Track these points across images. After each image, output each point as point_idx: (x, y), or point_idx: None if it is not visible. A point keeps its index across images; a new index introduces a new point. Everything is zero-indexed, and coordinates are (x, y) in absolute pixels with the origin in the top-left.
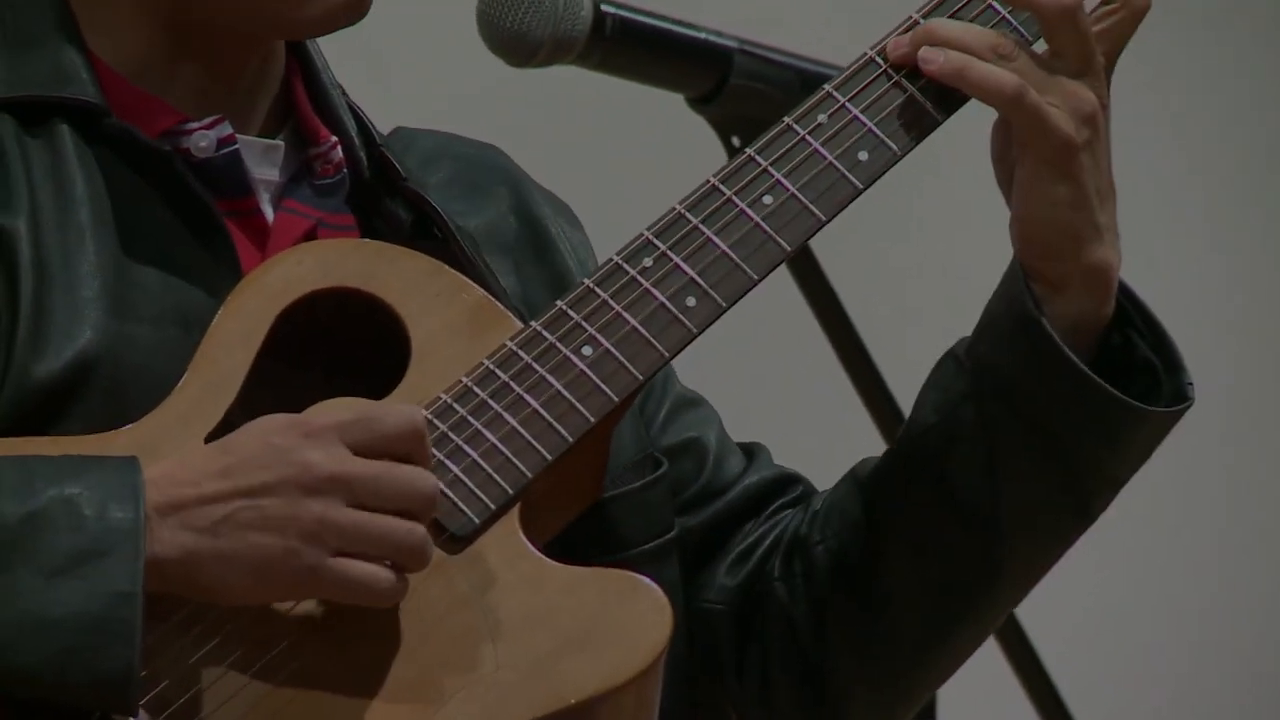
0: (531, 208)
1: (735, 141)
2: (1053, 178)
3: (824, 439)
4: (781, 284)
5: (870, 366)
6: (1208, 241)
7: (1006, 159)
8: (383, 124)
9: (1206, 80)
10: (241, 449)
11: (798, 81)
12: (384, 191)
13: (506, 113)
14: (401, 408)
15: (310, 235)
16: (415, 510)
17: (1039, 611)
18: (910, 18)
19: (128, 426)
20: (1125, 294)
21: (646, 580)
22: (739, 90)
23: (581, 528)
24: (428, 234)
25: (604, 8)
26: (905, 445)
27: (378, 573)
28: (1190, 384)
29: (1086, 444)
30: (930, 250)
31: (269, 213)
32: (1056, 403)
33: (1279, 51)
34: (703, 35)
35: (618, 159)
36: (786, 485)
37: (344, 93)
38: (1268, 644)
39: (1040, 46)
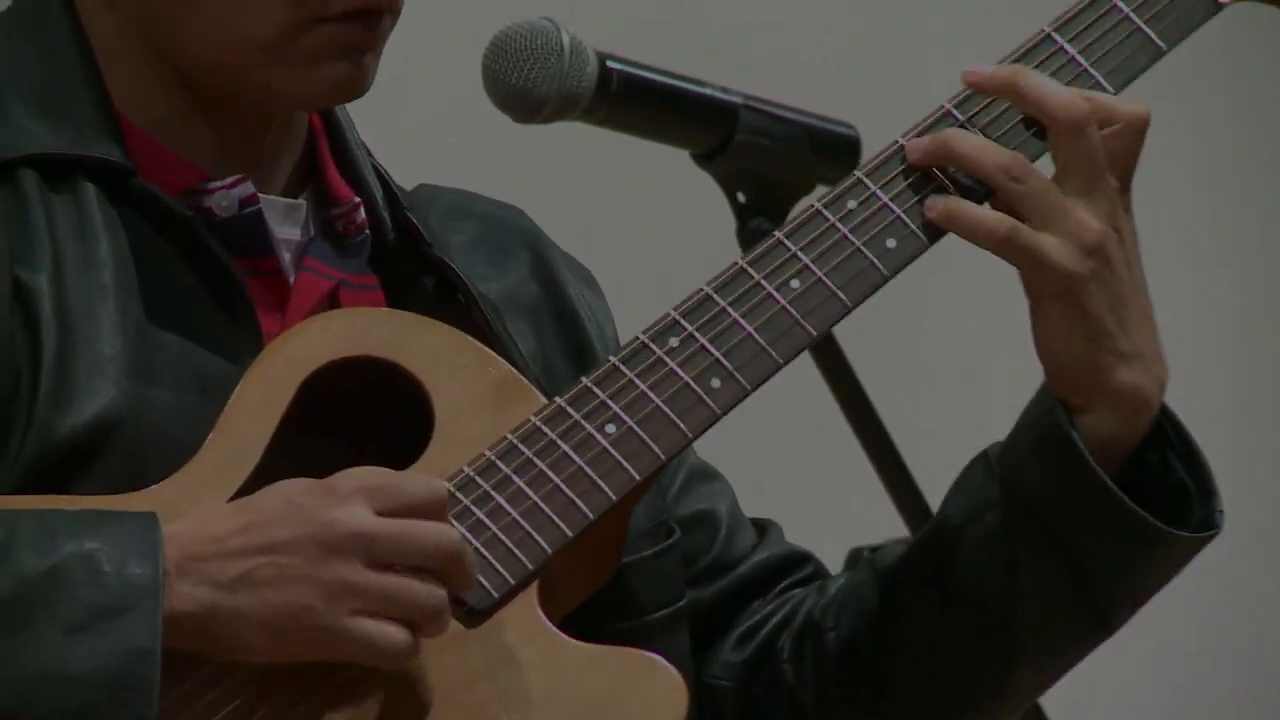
0: (553, 272)
1: (740, 198)
2: (1060, 312)
3: (842, 519)
4: (801, 364)
5: (890, 447)
6: (1209, 240)
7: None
8: (396, 175)
9: (1206, 79)
10: (263, 507)
11: (804, 137)
12: (407, 254)
13: (510, 167)
14: (425, 476)
15: (332, 296)
16: (438, 568)
17: None
18: (943, 107)
19: (147, 489)
20: (1164, 414)
21: (663, 661)
22: (744, 146)
23: (595, 593)
24: (450, 299)
25: (610, 64)
26: (928, 543)
27: (393, 633)
28: (1221, 512)
29: (1110, 561)
30: (950, 332)
31: (290, 273)
32: (1082, 518)
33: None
34: (708, 91)
35: (621, 213)
36: (797, 564)
37: (369, 153)
38: (1267, 649)
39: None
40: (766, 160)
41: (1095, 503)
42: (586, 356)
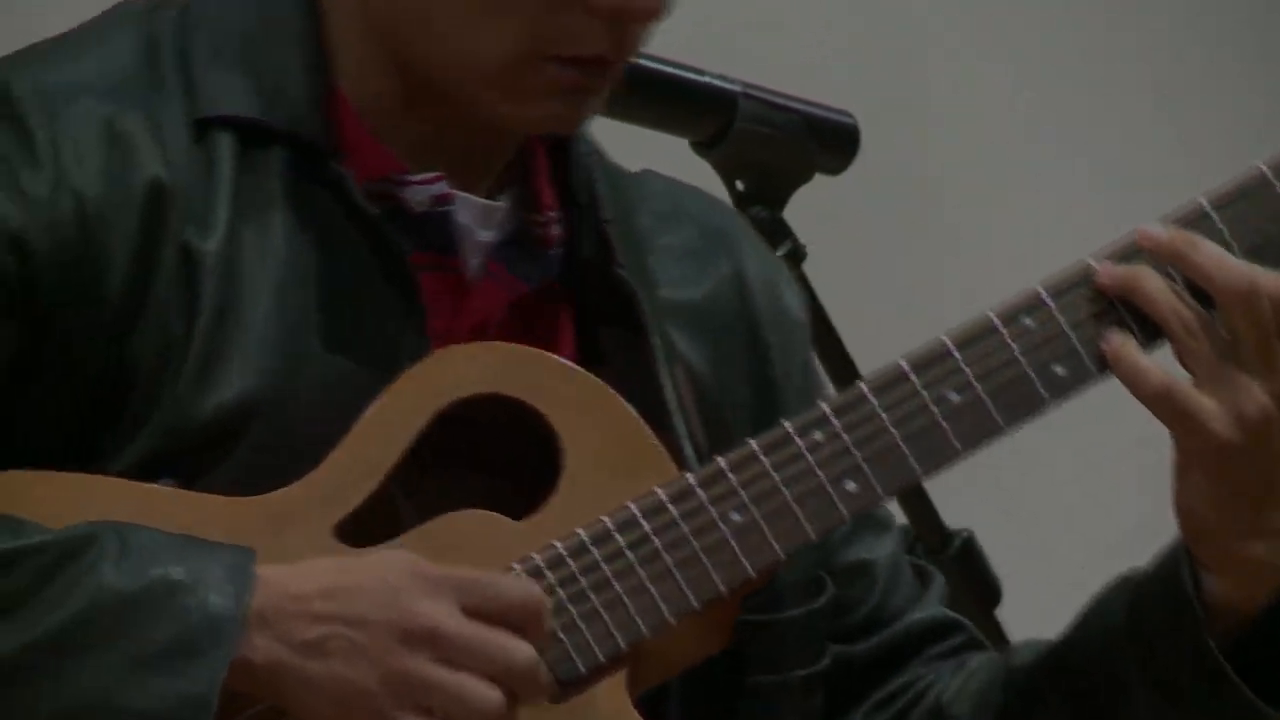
0: (751, 291)
1: (739, 186)
2: (1203, 478)
3: None
4: None
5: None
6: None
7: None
8: None
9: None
10: (356, 575)
11: (803, 126)
12: (597, 268)
13: None
14: (527, 582)
15: (510, 305)
16: (506, 682)
17: (1043, 621)
18: (1133, 238)
19: (261, 497)
20: None
21: None
22: (743, 134)
23: (734, 647)
24: (629, 322)
25: None
26: (1057, 658)
27: None
28: None
29: None
30: None
31: (473, 274)
32: (1194, 685)
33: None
34: (707, 80)
35: None
36: (947, 632)
37: (597, 156)
38: None
39: None
40: (765, 148)
41: (1209, 676)
42: (767, 383)
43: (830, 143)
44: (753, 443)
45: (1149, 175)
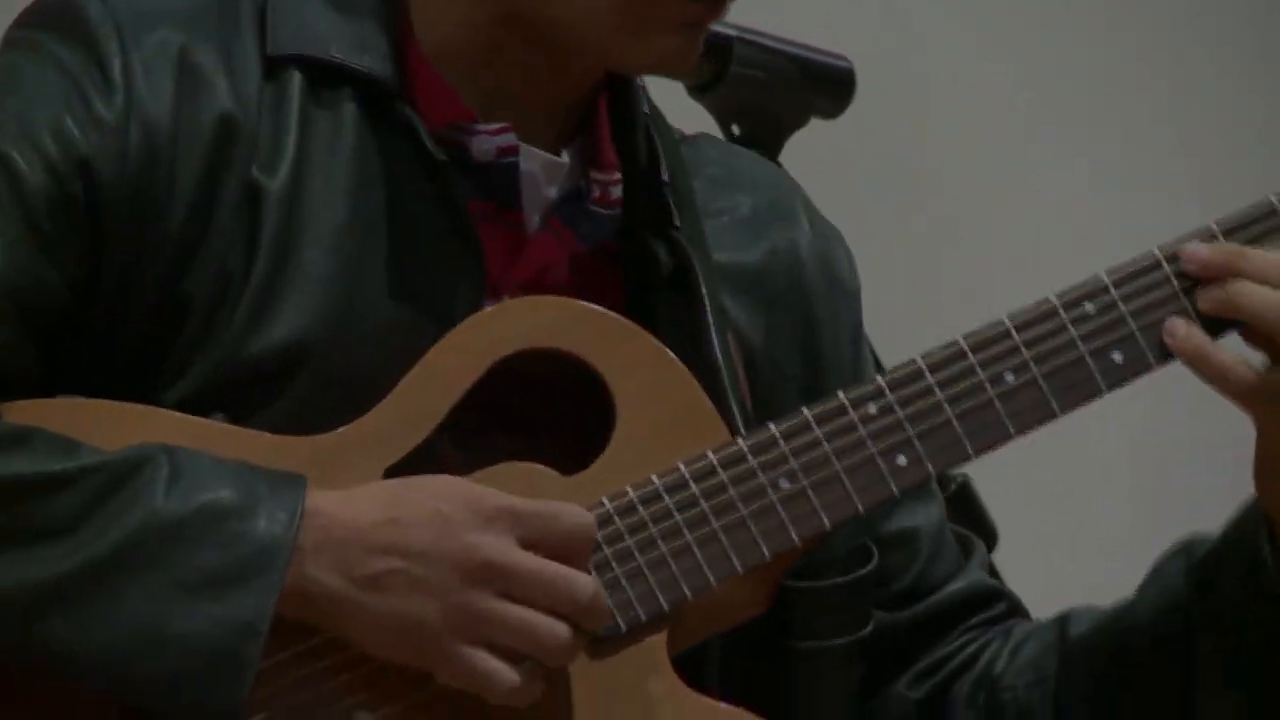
0: (805, 260)
1: (735, 130)
2: None
3: None
4: None
5: None
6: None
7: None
8: None
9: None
10: (410, 506)
11: (797, 70)
12: (653, 231)
13: None
14: (578, 511)
15: (568, 261)
16: (568, 613)
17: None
18: (1210, 229)
19: (313, 436)
20: None
21: None
22: (739, 79)
23: (779, 612)
24: (684, 286)
25: None
26: (1114, 629)
27: (502, 671)
28: None
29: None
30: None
31: (533, 229)
32: (1265, 652)
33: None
34: None
35: None
36: (990, 600)
37: (650, 117)
38: None
39: None
40: (761, 92)
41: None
42: (816, 352)
43: (825, 87)
44: (806, 411)
45: (1149, 174)
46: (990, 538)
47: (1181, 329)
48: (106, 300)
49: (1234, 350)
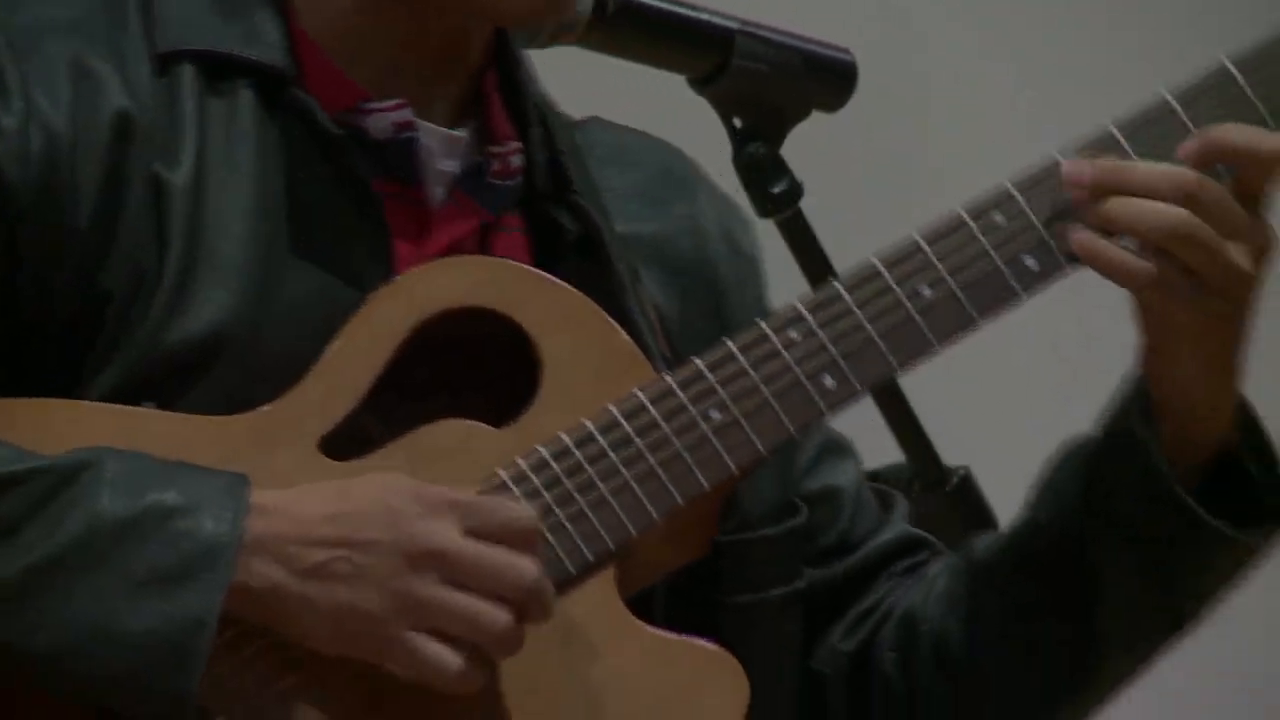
0: (706, 228)
1: (737, 123)
2: (1192, 349)
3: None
4: None
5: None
6: None
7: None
8: None
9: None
10: (356, 499)
11: (800, 63)
12: (555, 200)
13: None
14: (519, 505)
15: (475, 234)
16: (514, 600)
17: None
18: (1107, 129)
19: (243, 414)
20: (1240, 409)
21: (729, 656)
22: (740, 71)
23: (714, 566)
24: (591, 249)
25: None
26: (1015, 538)
27: (446, 656)
28: None
29: (1189, 568)
30: None
31: (437, 204)
32: (1162, 529)
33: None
34: (704, 17)
35: None
36: (914, 548)
37: (539, 90)
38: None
39: None
40: (763, 85)
41: (1176, 517)
42: (725, 318)
43: (827, 79)
44: (730, 343)
45: None
46: (993, 530)
47: (1083, 233)
48: (25, 302)
49: None
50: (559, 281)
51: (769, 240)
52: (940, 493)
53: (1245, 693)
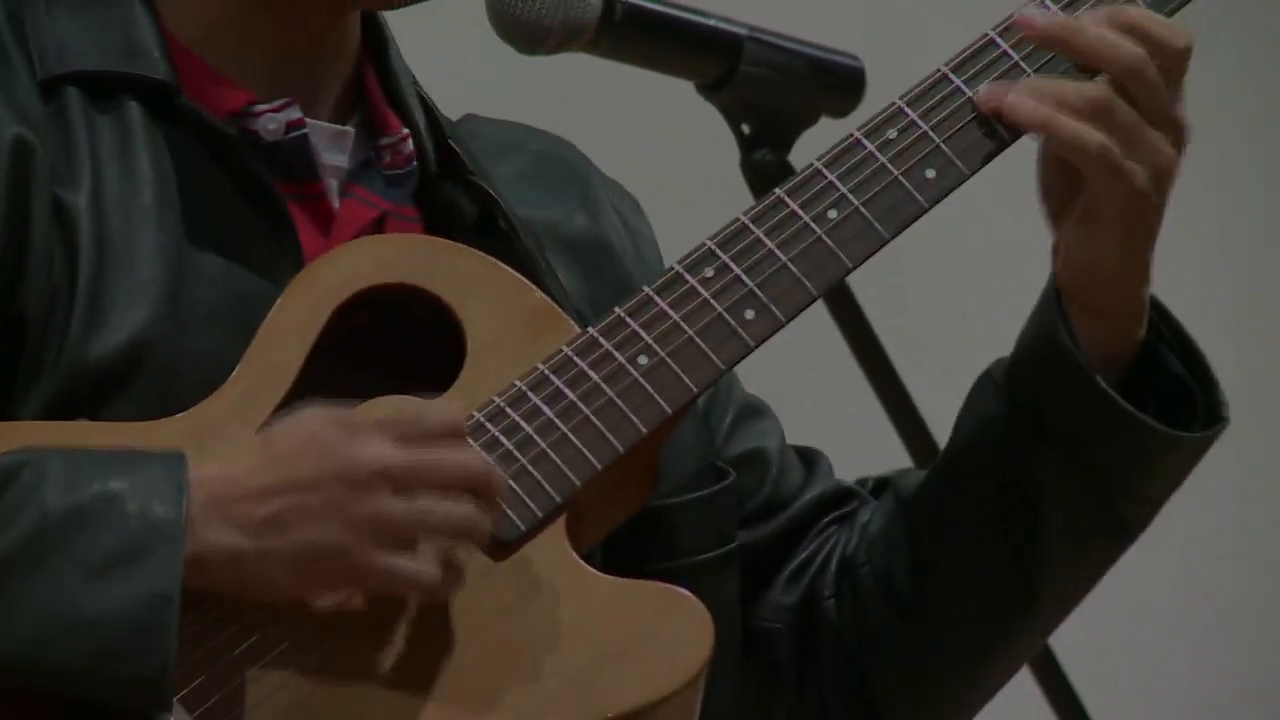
0: (599, 206)
1: (745, 129)
2: (1118, 228)
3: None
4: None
5: (897, 383)
6: (1214, 240)
7: (1056, 192)
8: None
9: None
10: (285, 443)
11: (808, 69)
12: (450, 184)
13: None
14: (443, 404)
15: (377, 224)
16: (465, 488)
17: None
18: (987, 35)
19: (177, 415)
20: (1156, 310)
21: (690, 595)
22: (749, 77)
23: (646, 533)
24: (492, 229)
25: None
26: (945, 468)
27: (424, 568)
28: (1224, 403)
29: (1122, 469)
30: (959, 261)
31: (335, 200)
32: (1090, 431)
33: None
34: (712, 22)
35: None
36: (841, 500)
37: (414, 81)
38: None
39: None
40: (771, 91)
41: (1102, 416)
42: (630, 292)
43: (836, 85)
44: (646, 288)
45: None
46: None
47: (1025, 101)
48: None
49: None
50: (465, 247)
51: None
52: None
53: (1252, 694)
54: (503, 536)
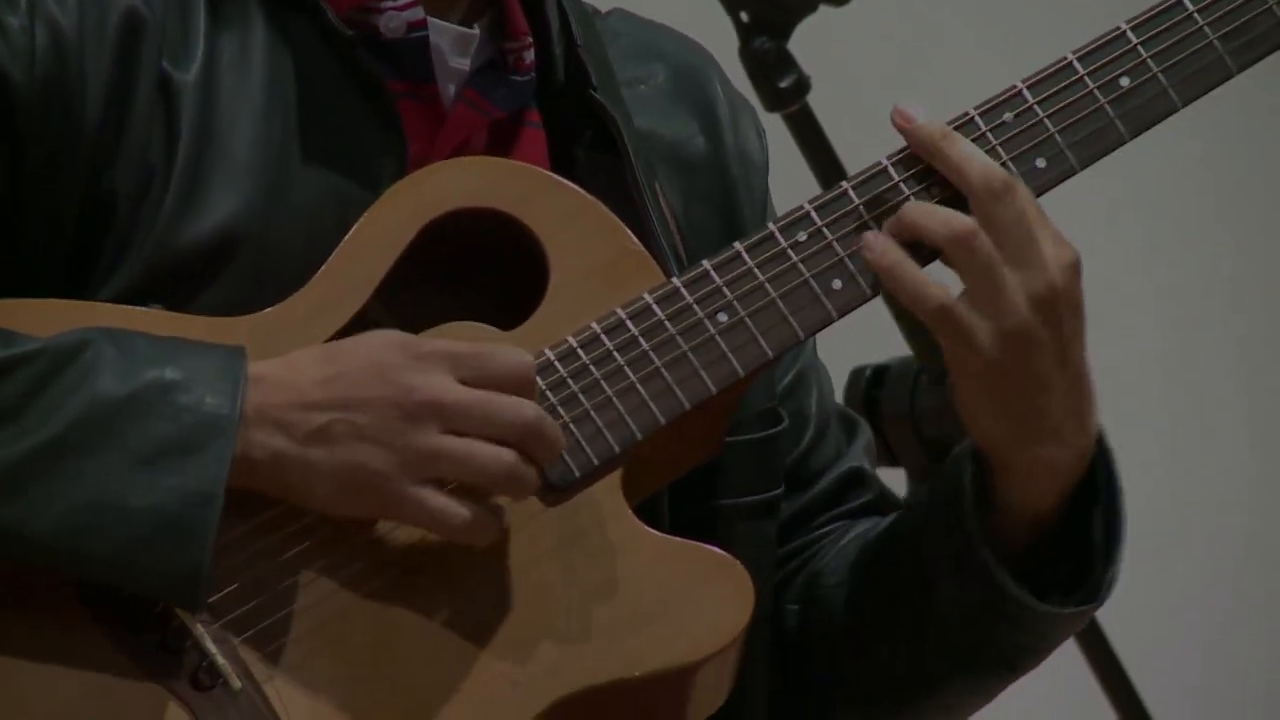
0: (722, 130)
1: (743, 17)
2: (978, 390)
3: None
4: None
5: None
6: (1216, 243)
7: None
8: None
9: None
10: (348, 360)
11: None
12: (572, 96)
13: None
14: (515, 350)
15: (487, 132)
16: (516, 441)
17: None
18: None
19: (251, 316)
20: (1104, 467)
21: (735, 562)
22: None
23: (710, 468)
24: (608, 147)
25: None
26: (890, 532)
27: (453, 507)
28: (1111, 581)
29: (1005, 631)
30: None
31: (450, 102)
32: (978, 602)
33: None
34: None
35: None
36: (856, 488)
37: None
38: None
39: None
40: None
41: (987, 590)
42: (735, 220)
43: None
44: (738, 244)
45: (1151, 170)
46: None
47: (876, 246)
48: (32, 203)
49: None
50: (568, 183)
51: (776, 137)
52: (946, 385)
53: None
54: (555, 481)
